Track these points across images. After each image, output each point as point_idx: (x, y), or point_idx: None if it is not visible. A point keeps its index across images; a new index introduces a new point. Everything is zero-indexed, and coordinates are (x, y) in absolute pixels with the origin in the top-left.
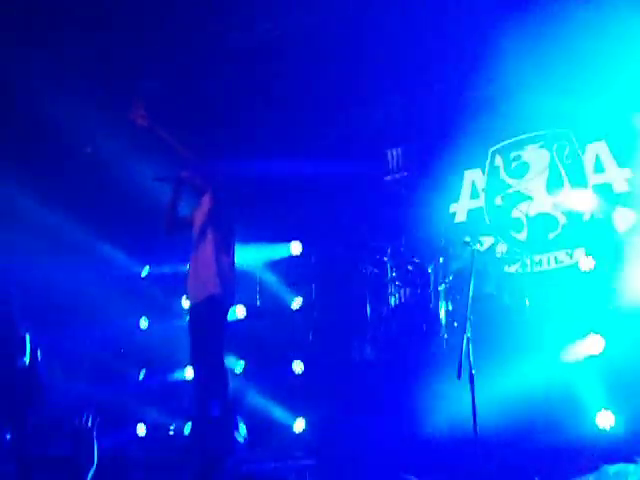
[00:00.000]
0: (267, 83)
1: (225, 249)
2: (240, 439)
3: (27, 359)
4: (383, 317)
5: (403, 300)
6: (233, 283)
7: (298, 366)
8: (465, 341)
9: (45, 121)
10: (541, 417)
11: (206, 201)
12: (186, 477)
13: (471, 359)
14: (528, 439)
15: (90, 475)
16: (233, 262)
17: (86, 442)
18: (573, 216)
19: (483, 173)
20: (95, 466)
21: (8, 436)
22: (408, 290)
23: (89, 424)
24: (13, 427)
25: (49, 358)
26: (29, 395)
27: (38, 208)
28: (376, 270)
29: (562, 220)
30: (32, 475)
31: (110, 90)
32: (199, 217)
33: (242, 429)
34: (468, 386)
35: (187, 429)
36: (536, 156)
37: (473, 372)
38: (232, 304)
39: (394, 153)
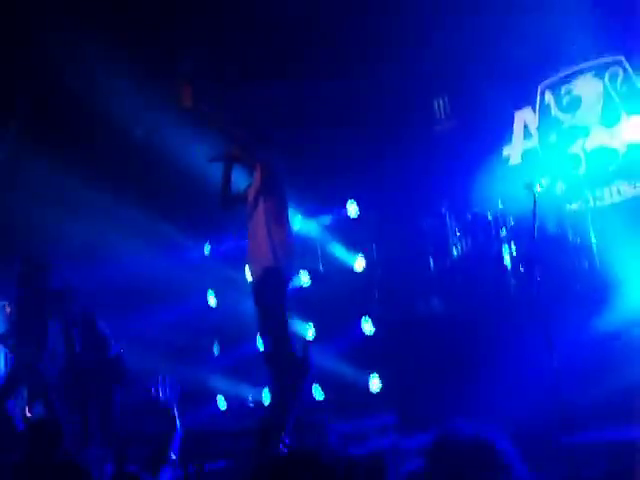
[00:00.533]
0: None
1: (278, 221)
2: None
3: (111, 349)
4: (447, 269)
5: (465, 250)
6: (289, 255)
7: (368, 326)
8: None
9: (95, 106)
10: (618, 355)
11: (256, 176)
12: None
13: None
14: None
15: (175, 448)
16: (288, 233)
17: (168, 416)
18: (632, 145)
19: (534, 112)
20: (180, 439)
21: (97, 418)
22: (469, 239)
23: (168, 398)
24: (103, 409)
25: (127, 341)
26: (116, 379)
27: (94, 195)
28: (435, 222)
29: (621, 150)
30: (124, 452)
31: (158, 71)
32: (251, 192)
33: (316, 392)
34: (541, 330)
35: (266, 399)
36: (588, 87)
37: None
38: (290, 276)
39: (440, 102)
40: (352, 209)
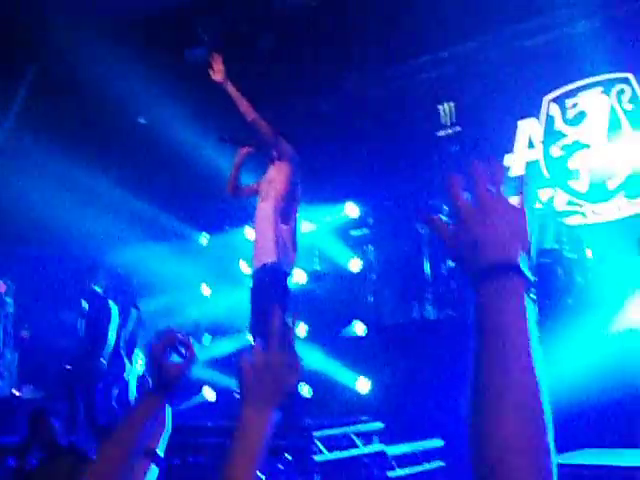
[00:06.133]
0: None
1: (286, 218)
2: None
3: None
4: (442, 275)
5: None
6: (292, 251)
7: (360, 328)
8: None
9: (99, 93)
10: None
11: (275, 168)
12: None
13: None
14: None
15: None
16: (294, 231)
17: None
18: (635, 163)
19: (539, 123)
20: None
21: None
22: None
23: None
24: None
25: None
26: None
27: (96, 183)
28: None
29: (624, 168)
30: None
31: (161, 61)
32: (264, 185)
33: (306, 391)
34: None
35: None
36: (594, 103)
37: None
38: (290, 272)
39: (446, 108)
40: (351, 209)
